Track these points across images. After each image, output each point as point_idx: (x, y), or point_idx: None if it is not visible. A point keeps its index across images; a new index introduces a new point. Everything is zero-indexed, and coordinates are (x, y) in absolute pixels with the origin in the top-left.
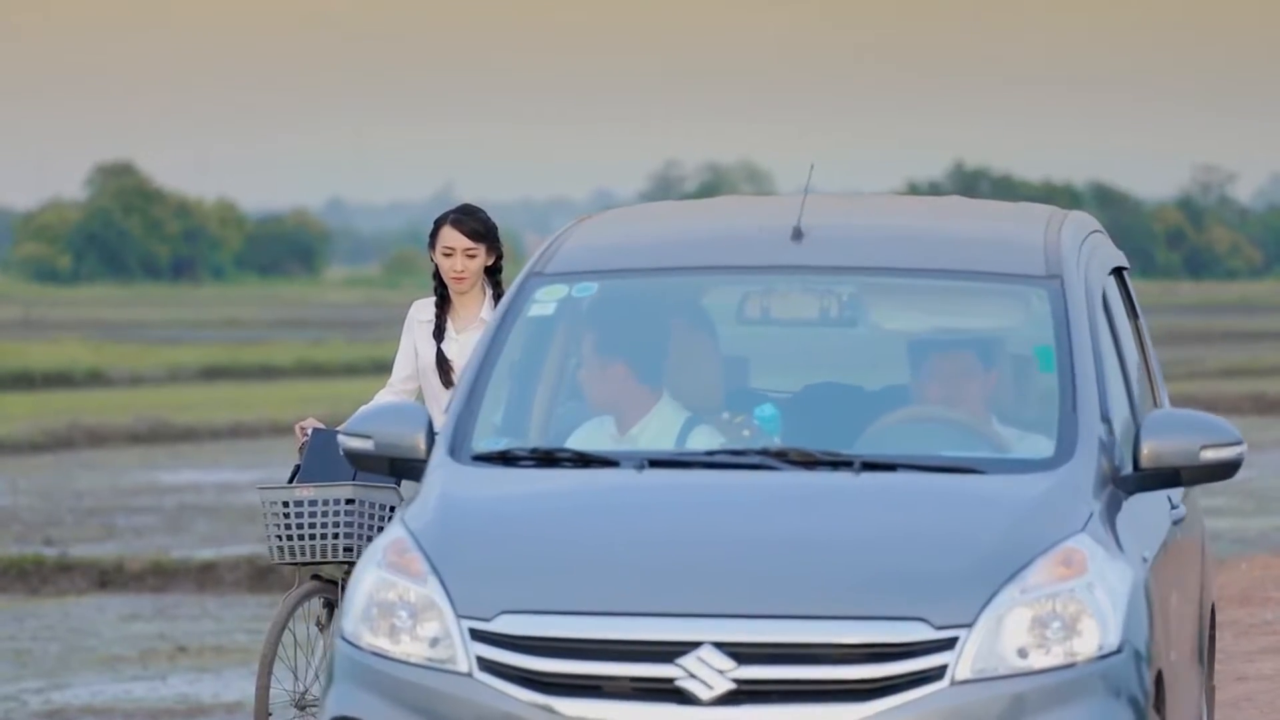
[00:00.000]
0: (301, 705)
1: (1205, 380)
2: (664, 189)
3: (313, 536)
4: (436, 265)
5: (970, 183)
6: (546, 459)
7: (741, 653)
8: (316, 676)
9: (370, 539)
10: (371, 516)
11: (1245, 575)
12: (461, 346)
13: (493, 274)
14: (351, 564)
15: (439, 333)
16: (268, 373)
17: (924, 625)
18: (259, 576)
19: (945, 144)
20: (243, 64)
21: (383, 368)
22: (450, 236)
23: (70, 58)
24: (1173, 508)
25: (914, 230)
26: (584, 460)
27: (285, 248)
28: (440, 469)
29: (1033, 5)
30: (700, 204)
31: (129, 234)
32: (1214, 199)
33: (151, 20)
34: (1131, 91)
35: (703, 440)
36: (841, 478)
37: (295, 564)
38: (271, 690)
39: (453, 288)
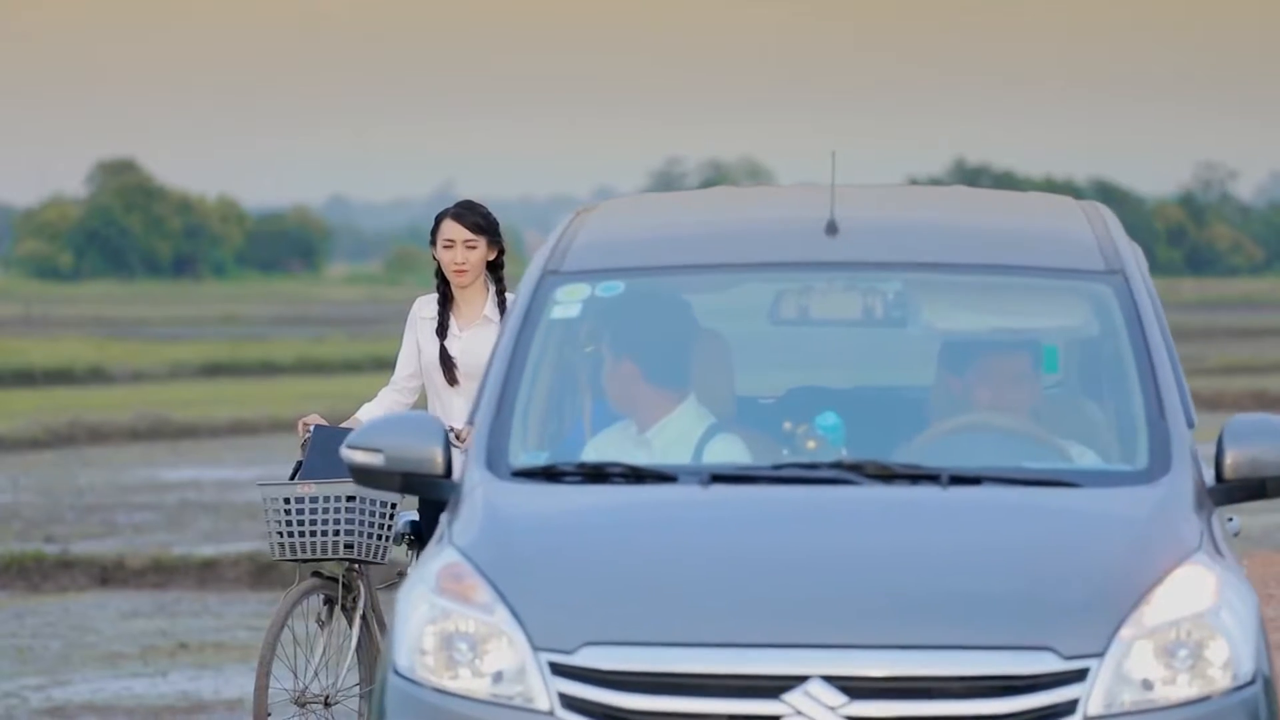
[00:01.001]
0: (301, 703)
1: (1207, 377)
2: (665, 186)
3: (313, 533)
4: (438, 262)
5: (971, 179)
6: (595, 474)
7: (854, 687)
8: (316, 674)
9: (371, 535)
10: (372, 514)
11: (1249, 573)
12: (465, 344)
13: (495, 270)
14: (353, 560)
15: (442, 330)
16: (269, 370)
17: (1052, 655)
18: (260, 573)
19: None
20: (244, 61)
21: (384, 365)
22: (450, 229)
23: (71, 55)
24: (1229, 520)
25: (956, 223)
26: (636, 475)
27: (286, 245)
28: (482, 486)
29: (1035, 2)
30: (708, 195)
31: (130, 231)
32: (1215, 196)
33: (153, 18)
34: (1133, 88)
35: (723, 451)
36: (928, 493)
37: (296, 561)
38: (271, 688)
39: (454, 281)
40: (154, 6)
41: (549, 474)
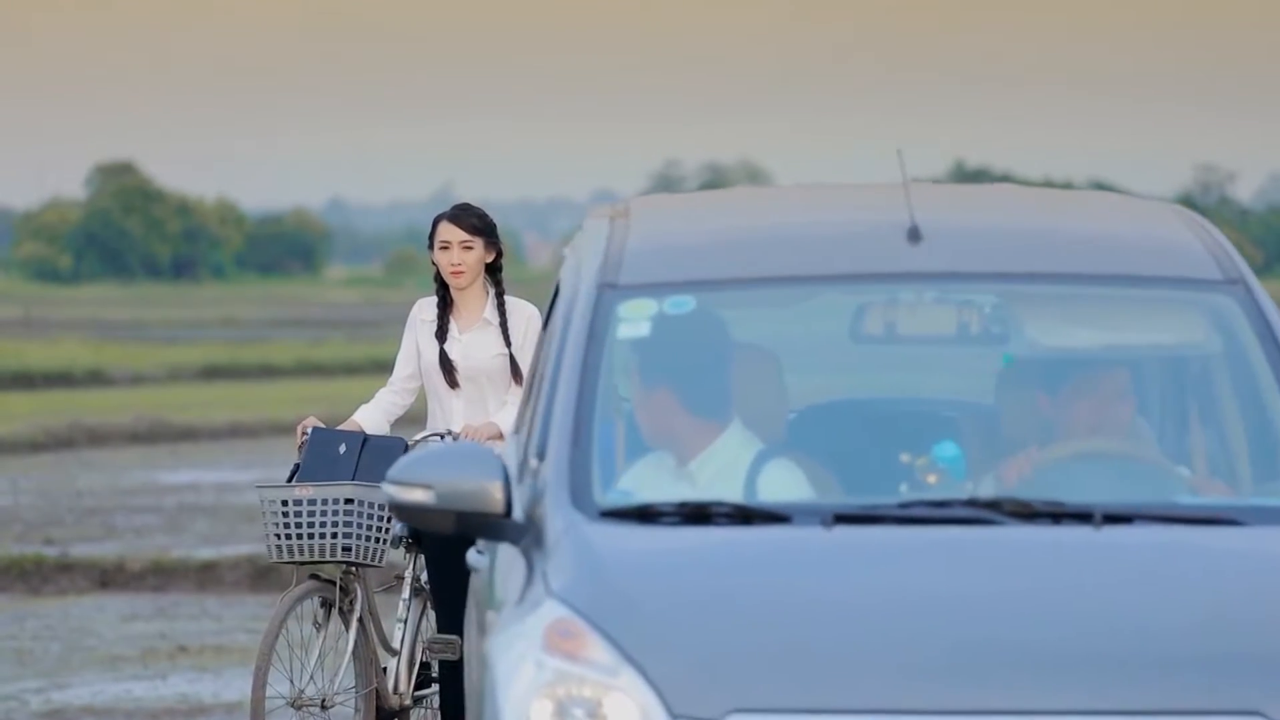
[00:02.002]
0: (298, 705)
1: None
2: (664, 188)
3: (311, 536)
4: (436, 265)
5: (970, 182)
6: (695, 515)
7: None
8: (311, 677)
9: (369, 538)
10: (370, 517)
11: None
12: (464, 347)
13: (493, 272)
14: (350, 563)
15: (441, 333)
16: (268, 372)
17: None
18: (259, 576)
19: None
20: (243, 64)
21: (383, 367)
22: (447, 231)
23: (70, 58)
24: None
25: (1052, 229)
26: (744, 515)
27: (285, 247)
28: (576, 529)
29: (1034, 4)
30: (762, 195)
31: (129, 233)
32: (1214, 199)
33: (151, 21)
34: (1132, 91)
35: (780, 481)
36: (1080, 534)
37: (294, 563)
38: (267, 691)
39: (452, 283)
40: (153, 9)
41: (643, 514)
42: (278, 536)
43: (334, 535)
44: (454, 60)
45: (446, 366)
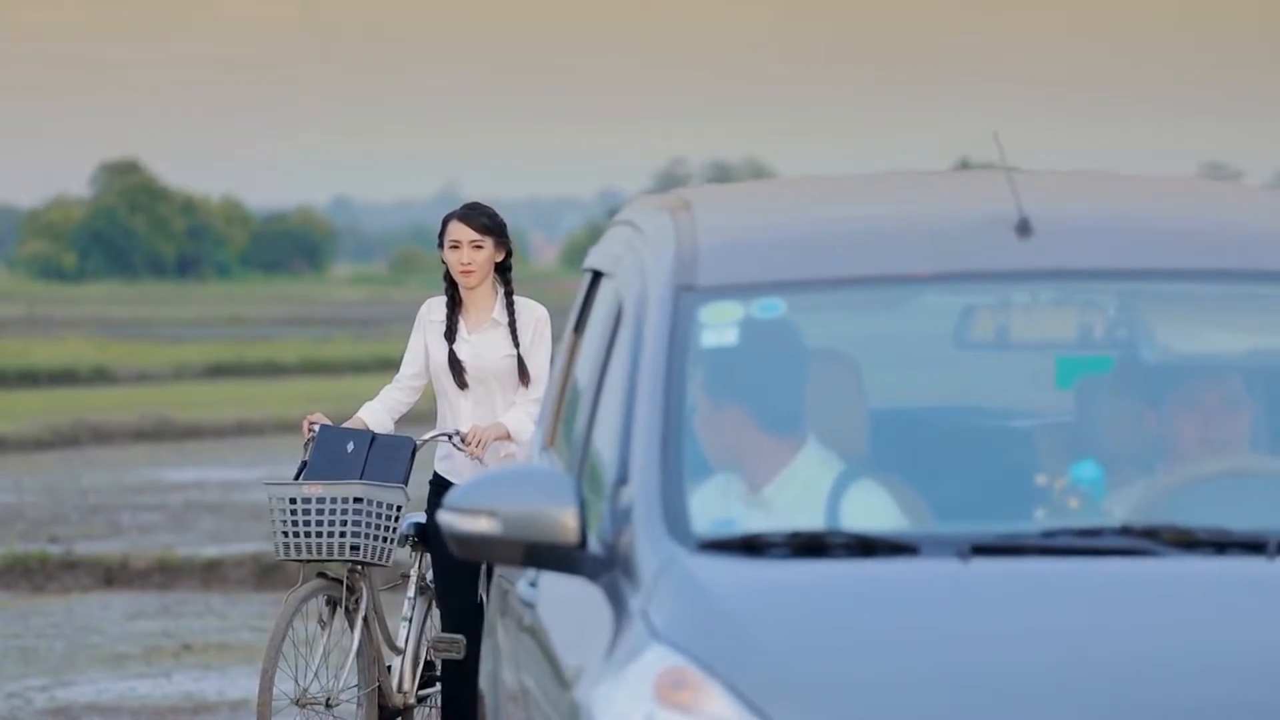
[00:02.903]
0: (302, 704)
1: None
2: (669, 186)
3: (319, 534)
4: (446, 264)
5: None
6: (812, 545)
7: None
8: (315, 675)
9: (376, 537)
10: (378, 515)
11: None
12: (473, 347)
13: (503, 272)
14: (357, 562)
15: (450, 334)
16: (273, 370)
17: None
18: (264, 574)
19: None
20: (248, 62)
21: (389, 365)
22: (457, 230)
23: (76, 56)
24: None
25: (1176, 220)
26: (864, 546)
27: (291, 245)
28: (678, 563)
29: (1037, 3)
30: (842, 184)
31: (134, 232)
32: None
33: (156, 19)
34: (1136, 89)
35: (868, 504)
36: (1253, 566)
37: (301, 561)
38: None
39: (461, 282)
40: (158, 7)
41: (749, 546)
42: (285, 534)
43: (342, 534)
44: (460, 59)
45: (456, 367)
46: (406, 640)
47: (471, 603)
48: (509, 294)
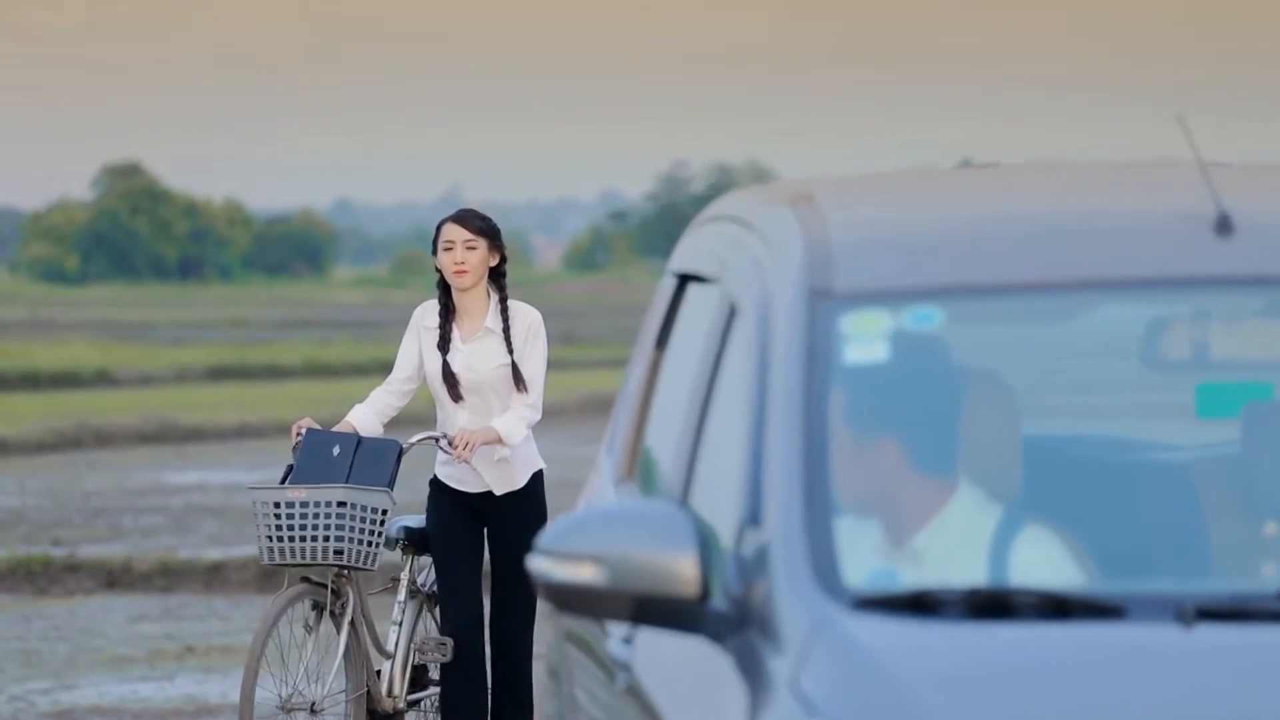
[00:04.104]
0: (288, 709)
1: None
2: (672, 189)
3: (303, 539)
4: (440, 270)
5: None
6: (993, 604)
7: None
8: (300, 680)
9: (361, 542)
10: (362, 519)
11: None
12: (467, 358)
13: (497, 278)
14: (342, 567)
15: (444, 343)
16: (275, 373)
17: None
18: (266, 577)
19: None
20: (250, 64)
21: (391, 368)
22: (451, 231)
23: (77, 58)
24: None
25: None
26: (1059, 606)
27: (293, 248)
28: (835, 624)
29: (1037, 3)
30: (997, 175)
31: (137, 234)
32: None
33: (158, 21)
34: (1136, 89)
35: (1039, 554)
36: None
37: (285, 566)
38: (256, 695)
39: (455, 284)
40: (160, 9)
41: (917, 604)
42: (269, 539)
43: (325, 538)
44: (461, 61)
45: (450, 380)
46: (397, 644)
47: (474, 604)
48: (503, 299)
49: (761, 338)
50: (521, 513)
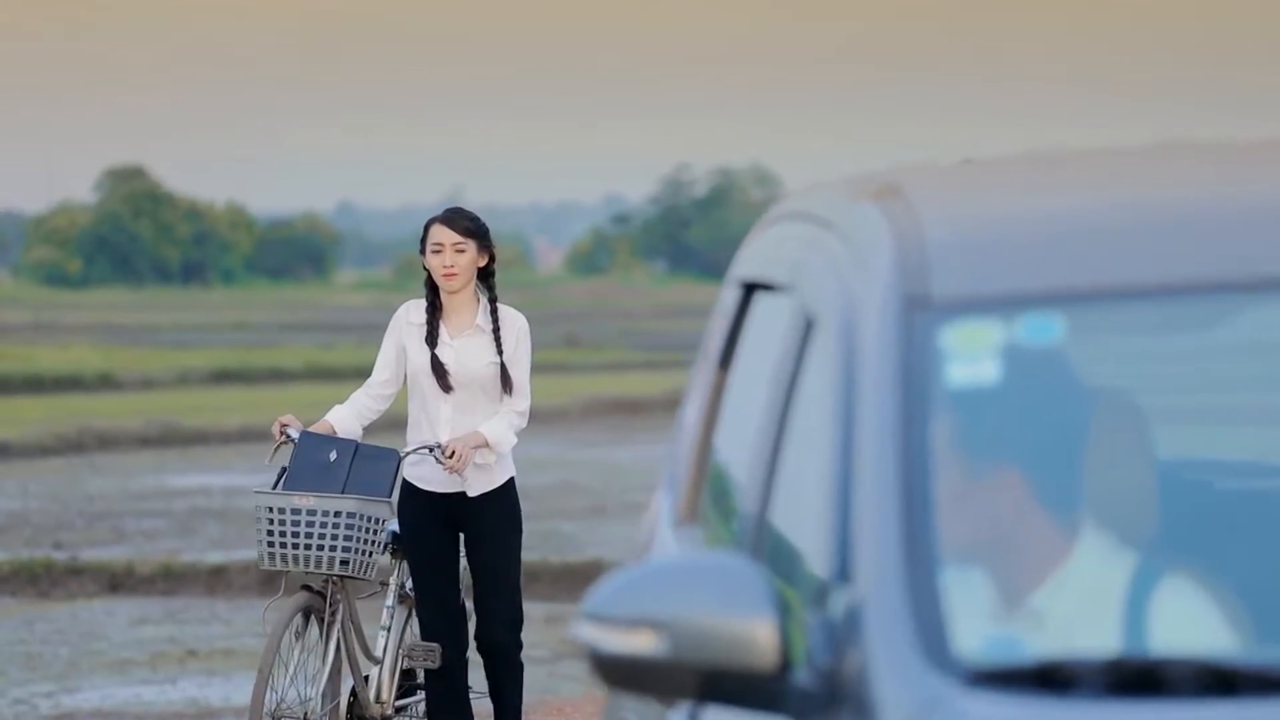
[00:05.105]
0: (278, 716)
1: None
2: (674, 192)
3: (308, 546)
4: (428, 270)
5: None
6: (1142, 679)
7: None
8: (288, 688)
9: (363, 552)
10: (367, 530)
11: None
12: (457, 352)
13: (485, 278)
14: (345, 576)
15: (432, 339)
16: (278, 376)
17: None
18: (269, 580)
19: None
20: (253, 67)
21: None
22: (439, 233)
23: (80, 61)
24: None
25: None
26: (1224, 680)
27: (295, 251)
28: (949, 704)
29: (1036, 4)
30: (1094, 160)
31: (139, 237)
32: None
33: (160, 23)
34: (1136, 89)
35: (1185, 613)
36: None
37: (287, 572)
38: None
39: (444, 286)
40: (162, 12)
41: (1046, 678)
42: (271, 544)
43: (332, 548)
44: (463, 64)
45: (439, 371)
46: (385, 649)
47: (453, 610)
48: (493, 300)
49: (845, 355)
50: (497, 515)
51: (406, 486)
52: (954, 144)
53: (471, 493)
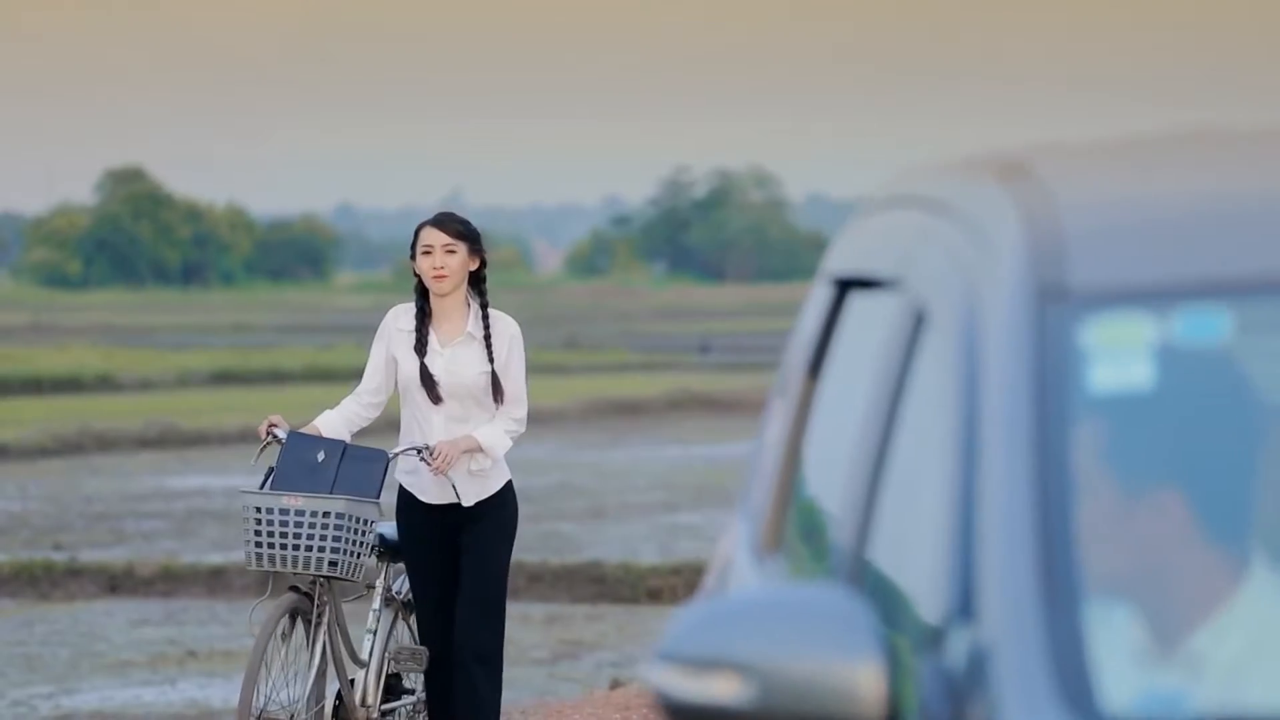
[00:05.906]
0: (264, 718)
1: None
2: (674, 194)
3: (296, 547)
4: (418, 274)
5: None
6: None
7: None
8: (272, 690)
9: (352, 553)
10: (354, 531)
11: None
12: (447, 361)
13: (477, 284)
14: (332, 578)
15: (421, 347)
16: (277, 378)
17: None
18: (268, 582)
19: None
20: (252, 69)
21: None
22: (430, 235)
23: (80, 62)
24: None
25: None
26: None
27: (295, 253)
28: None
29: (1036, 5)
30: (1240, 137)
31: (139, 239)
32: None
33: (160, 25)
34: (1136, 89)
35: None
36: None
37: (275, 573)
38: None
39: (434, 288)
40: (162, 12)
41: None
42: (259, 544)
43: (321, 549)
44: (463, 66)
45: (428, 381)
46: (371, 652)
47: (449, 614)
48: (484, 306)
49: (966, 357)
50: (489, 526)
51: (405, 497)
52: (954, 144)
53: (466, 502)
